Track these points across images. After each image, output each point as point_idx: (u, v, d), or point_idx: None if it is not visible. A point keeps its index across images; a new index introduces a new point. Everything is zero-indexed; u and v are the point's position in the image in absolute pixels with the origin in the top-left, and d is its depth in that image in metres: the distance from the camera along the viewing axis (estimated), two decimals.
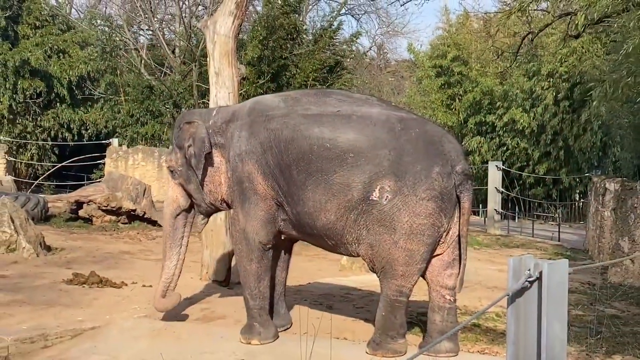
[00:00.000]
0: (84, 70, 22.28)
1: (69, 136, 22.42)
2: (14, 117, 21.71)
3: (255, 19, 21.55)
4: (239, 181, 5.73)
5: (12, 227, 9.65)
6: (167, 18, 26.70)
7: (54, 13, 24.20)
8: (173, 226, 6.28)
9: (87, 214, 13.29)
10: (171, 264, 6.29)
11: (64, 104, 22.57)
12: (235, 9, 8.02)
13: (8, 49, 21.50)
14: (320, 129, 5.43)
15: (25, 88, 21.52)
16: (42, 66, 21.76)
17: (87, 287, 7.73)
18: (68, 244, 10.70)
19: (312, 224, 5.50)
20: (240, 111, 5.96)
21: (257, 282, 5.79)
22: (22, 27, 22.54)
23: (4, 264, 8.94)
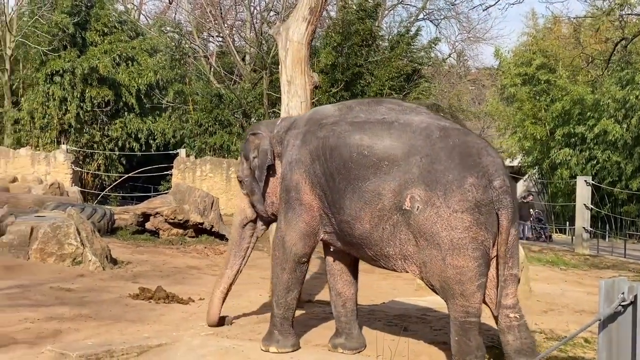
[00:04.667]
0: (152, 79, 22.65)
1: (136, 146, 22.78)
2: (81, 126, 22.21)
3: (329, 24, 21.71)
4: (286, 189, 5.87)
5: (78, 240, 9.88)
6: (237, 24, 27.08)
7: (122, 19, 24.72)
8: (240, 235, 6.52)
9: (154, 226, 13.53)
10: (231, 273, 6.53)
11: (132, 113, 22.96)
12: (309, 14, 8.07)
13: (76, 56, 22.04)
14: (361, 136, 5.51)
15: (93, 96, 21.98)
16: (110, 74, 22.22)
17: (154, 303, 7.86)
18: (134, 258, 10.90)
19: (351, 233, 5.56)
20: (299, 120, 6.13)
21: (286, 292, 5.93)
22: (90, 34, 23.08)
23: (70, 277, 9.15)
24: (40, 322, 6.76)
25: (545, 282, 10.67)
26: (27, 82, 23.12)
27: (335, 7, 24.48)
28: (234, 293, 8.45)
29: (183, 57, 23.33)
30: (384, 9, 27.75)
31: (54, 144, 21.76)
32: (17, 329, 6.48)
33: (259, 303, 7.80)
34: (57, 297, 8.02)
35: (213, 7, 23.79)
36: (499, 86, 28.25)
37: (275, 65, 19.26)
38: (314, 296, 8.50)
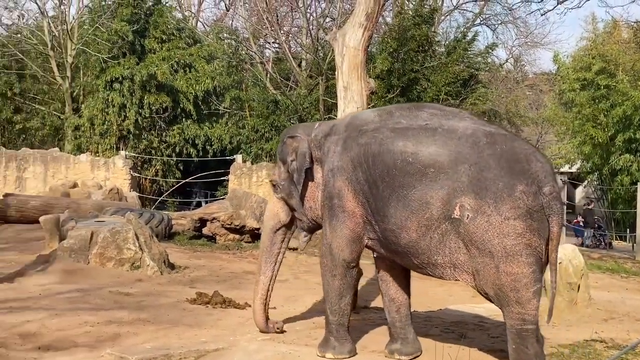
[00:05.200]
0: (209, 85, 22.85)
1: (193, 152, 22.97)
2: (140, 132, 22.48)
3: (385, 30, 21.68)
4: (329, 197, 5.87)
5: (136, 245, 10.01)
6: (293, 31, 27.17)
7: (180, 27, 25.00)
8: (271, 241, 6.53)
9: (211, 231, 13.64)
10: (266, 279, 6.55)
11: (189, 119, 23.18)
12: (365, 20, 8.08)
13: (135, 63, 22.34)
14: (405, 142, 5.48)
15: (152, 103, 22.23)
16: (168, 81, 22.48)
17: (211, 307, 7.94)
18: (192, 263, 11.01)
19: (396, 242, 5.53)
20: (339, 125, 6.10)
21: (339, 298, 5.93)
22: (149, 41, 23.38)
23: (128, 281, 9.29)
24: (100, 326, 6.87)
25: (606, 290, 10.50)
26: (88, 89, 23.51)
27: (391, 13, 24.45)
28: (290, 298, 8.52)
29: (240, 64, 23.49)
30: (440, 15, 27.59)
31: (113, 150, 22.06)
32: (78, 333, 6.60)
33: (315, 308, 7.80)
34: (116, 301, 8.15)
35: (270, 14, 23.92)
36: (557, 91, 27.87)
37: (331, 71, 19.27)
38: (370, 302, 8.49)
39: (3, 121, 23.93)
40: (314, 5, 24.38)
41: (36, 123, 23.98)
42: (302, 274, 10.75)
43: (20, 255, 11.06)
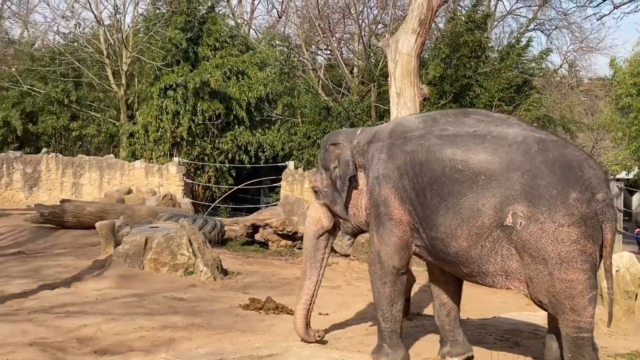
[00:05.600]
0: (262, 92, 22.95)
1: (245, 158, 23.07)
2: (193, 139, 22.69)
3: (438, 36, 21.60)
4: (375, 204, 5.87)
5: (190, 250, 10.11)
6: (345, 37, 27.23)
7: (233, 34, 25.19)
8: (315, 247, 6.49)
9: (263, 237, 13.72)
10: (311, 284, 6.51)
11: (242, 126, 23.31)
12: (418, 26, 8.07)
13: (189, 71, 22.56)
14: (453, 150, 5.44)
15: (205, 110, 22.42)
16: (221, 88, 22.65)
17: (264, 313, 7.99)
18: (244, 268, 11.09)
19: (445, 250, 5.50)
20: (382, 132, 6.06)
21: (390, 305, 5.92)
22: (202, 49, 23.59)
23: (182, 286, 9.40)
24: (155, 331, 6.96)
25: None
26: (142, 97, 23.80)
27: (444, 19, 24.37)
28: (343, 304, 8.53)
29: (292, 71, 23.59)
30: (493, 20, 27.43)
31: (166, 157, 22.30)
32: (133, 337, 6.70)
33: (368, 315, 7.80)
34: (170, 306, 8.25)
35: (322, 21, 24.03)
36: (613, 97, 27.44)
37: (384, 77, 19.26)
38: (423, 309, 8.46)
39: (60, 128, 24.33)
40: (366, 12, 24.42)
41: (92, 130, 24.34)
42: (355, 281, 10.75)
43: (77, 261, 11.26)
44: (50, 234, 14.75)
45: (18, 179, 20.20)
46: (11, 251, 12.68)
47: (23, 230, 15.02)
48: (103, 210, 15.20)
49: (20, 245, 13.53)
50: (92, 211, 15.28)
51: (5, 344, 6.34)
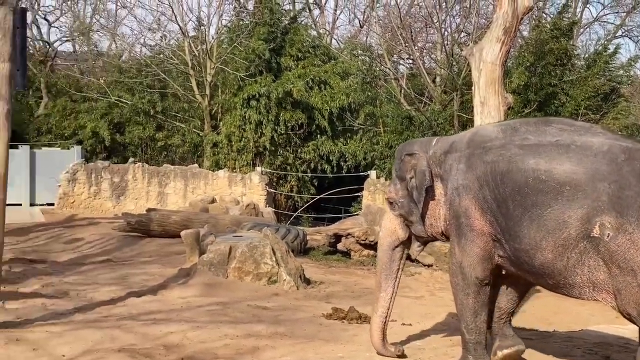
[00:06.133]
0: (344, 102, 23.03)
1: (327, 168, 23.18)
2: (275, 148, 22.90)
3: (522, 44, 21.31)
4: (455, 215, 5.80)
5: (273, 259, 10.20)
6: (428, 46, 27.10)
7: (315, 44, 25.34)
8: (390, 258, 6.43)
9: (346, 247, 13.74)
10: (387, 296, 6.43)
11: (324, 136, 23.43)
12: (503, 35, 8.00)
13: (271, 81, 22.80)
14: (536, 160, 5.33)
15: (287, 120, 22.62)
16: (303, 97, 22.81)
17: (347, 323, 7.99)
18: (327, 278, 11.12)
19: (530, 262, 5.39)
20: (459, 142, 5.98)
21: (474, 316, 5.84)
22: (284, 59, 23.81)
23: (265, 295, 9.48)
24: (239, 339, 7.04)
25: None
26: (225, 107, 24.13)
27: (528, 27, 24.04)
28: (427, 315, 8.48)
29: (374, 80, 23.59)
30: (579, 27, 26.93)
31: (249, 166, 22.55)
32: (218, 345, 6.79)
33: (452, 326, 7.73)
34: (254, 314, 8.34)
35: (404, 30, 23.97)
36: None
37: (466, 86, 19.10)
38: None
39: (146, 138, 24.84)
40: (448, 21, 24.22)
41: (177, 140, 24.78)
42: (438, 291, 10.68)
43: (163, 269, 11.48)
44: (136, 242, 15.08)
45: (106, 188, 20.71)
46: (100, 259, 13.01)
47: (111, 239, 15.42)
48: (187, 219, 15.47)
49: (109, 253, 13.88)
50: (177, 220, 15.56)
51: (95, 349, 6.52)
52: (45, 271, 11.29)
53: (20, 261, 11.99)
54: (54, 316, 7.92)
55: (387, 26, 26.68)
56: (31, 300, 8.79)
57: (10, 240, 11.77)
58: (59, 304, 8.68)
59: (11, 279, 10.15)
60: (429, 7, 24.58)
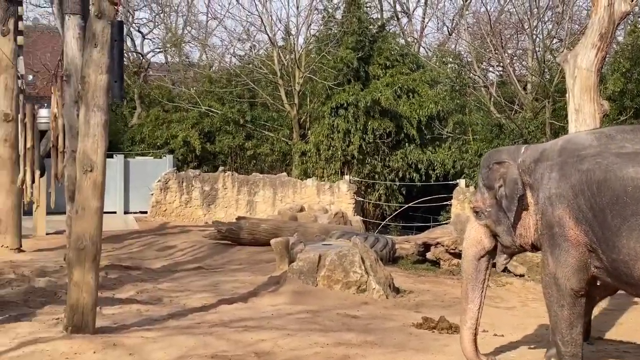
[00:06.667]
0: (433, 110, 22.92)
1: (416, 176, 23.12)
2: (364, 157, 22.95)
3: (617, 50, 20.81)
4: (548, 225, 5.68)
5: (362, 268, 10.20)
6: (518, 53, 26.75)
7: (403, 52, 25.30)
8: (476, 268, 6.32)
9: (435, 256, 13.63)
10: (474, 307, 6.33)
11: (412, 144, 23.38)
12: (598, 41, 7.85)
13: (359, 90, 22.87)
14: (636, 168, 5.21)
15: (375, 128, 22.65)
16: (391, 106, 22.80)
17: (437, 333, 7.94)
18: (416, 287, 11.06)
19: (629, 273, 5.26)
20: (551, 150, 5.87)
21: (569, 328, 5.72)
22: (372, 68, 23.86)
23: (354, 304, 9.49)
24: (330, 347, 7.07)
25: None
26: (314, 116, 24.32)
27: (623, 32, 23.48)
28: (519, 326, 8.36)
29: (463, 88, 23.41)
30: None
31: (337, 175, 22.66)
32: (309, 353, 6.84)
33: (545, 337, 7.59)
34: (343, 323, 8.36)
35: (494, 37, 23.72)
36: None
37: (559, 93, 18.79)
38: (604, 333, 8.16)
39: (236, 147, 25.21)
40: (540, 27, 23.82)
41: (266, 149, 25.08)
42: (530, 302, 10.49)
43: (253, 276, 11.61)
44: (227, 250, 15.31)
45: (197, 197, 21.10)
46: (191, 266, 13.25)
47: (202, 246, 15.69)
48: (277, 228, 15.61)
49: (200, 260, 14.12)
50: (266, 228, 15.72)
51: (188, 355, 6.65)
52: (140, 278, 11.56)
53: (115, 268, 12.33)
54: (148, 322, 8.11)
55: (477, 33, 26.46)
56: (127, 306, 9.02)
57: (105, 247, 12.08)
58: (153, 310, 8.88)
59: (107, 285, 10.45)
60: (520, 14, 24.32)
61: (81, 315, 7.40)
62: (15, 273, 11.32)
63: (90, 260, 7.47)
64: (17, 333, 7.42)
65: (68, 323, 7.44)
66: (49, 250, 14.70)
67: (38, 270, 11.69)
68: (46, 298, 9.53)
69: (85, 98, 7.47)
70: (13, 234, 14.47)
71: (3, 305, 8.93)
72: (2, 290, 9.89)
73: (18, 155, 13.98)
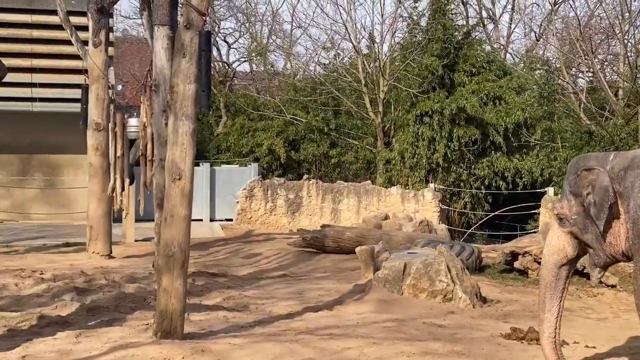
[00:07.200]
0: (520, 117, 22.60)
1: (502, 184, 22.85)
2: (449, 165, 22.81)
3: None
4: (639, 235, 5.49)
5: (448, 277, 10.12)
6: (609, 58, 26.18)
7: (489, 59, 25.04)
8: (556, 276, 6.17)
9: (522, 265, 13.41)
10: (552, 317, 6.19)
11: (498, 152, 23.12)
12: None
13: (444, 97, 22.74)
14: None
15: (461, 136, 22.49)
16: (477, 113, 22.59)
17: (526, 344, 7.81)
18: (503, 297, 10.91)
19: None
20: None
21: None
22: (458, 75, 23.68)
23: (440, 313, 9.41)
24: (416, 357, 7.04)
25: None
26: (398, 124, 24.28)
27: None
28: (612, 338, 8.16)
29: (551, 94, 23.03)
30: None
31: (422, 183, 22.57)
32: None
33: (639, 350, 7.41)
34: (429, 332, 8.30)
35: (583, 42, 23.26)
36: None
37: None
38: None
39: (320, 155, 25.35)
40: (632, 31, 23.28)
41: (350, 157, 25.14)
42: (622, 313, 10.23)
43: (338, 284, 11.63)
44: (311, 257, 15.38)
45: (282, 205, 21.27)
46: (277, 273, 13.35)
47: (287, 254, 15.81)
48: (361, 236, 15.61)
49: (285, 268, 14.22)
50: (350, 236, 15.74)
51: None
52: (226, 285, 11.70)
53: (202, 274, 12.51)
54: (235, 328, 8.20)
55: (565, 38, 26.01)
56: (214, 313, 9.14)
57: (193, 254, 12.26)
58: (240, 316, 8.98)
59: (195, 291, 10.61)
60: (611, 18, 23.78)
61: (170, 321, 7.53)
62: (106, 279, 11.60)
63: (178, 267, 7.59)
64: (108, 338, 7.61)
65: (157, 328, 7.57)
66: (138, 257, 15.02)
67: (128, 277, 11.95)
68: (136, 304, 9.73)
69: (174, 107, 7.61)
70: (104, 240, 14.87)
71: (95, 310, 9.16)
72: (94, 296, 10.14)
73: (108, 163, 14.33)
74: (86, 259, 14.48)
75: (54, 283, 10.93)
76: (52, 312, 8.91)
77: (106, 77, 14.99)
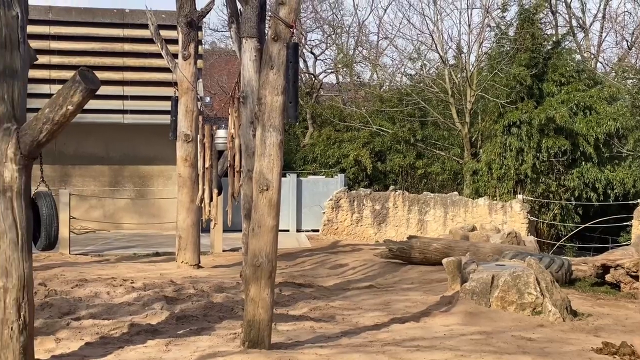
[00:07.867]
0: (611, 127, 22.08)
1: (593, 196, 22.35)
2: (537, 176, 22.41)
3: None
4: None
5: (537, 289, 9.94)
6: None
7: (579, 69, 24.56)
8: None
9: (614, 279, 13.08)
10: None
11: (589, 163, 22.61)
12: None
13: (533, 108, 22.38)
14: None
15: (549, 146, 22.09)
16: (567, 124, 22.15)
17: (619, 359, 7.61)
18: (594, 310, 10.65)
19: None
20: None
21: None
22: (546, 85, 23.30)
23: (529, 326, 9.25)
24: None
25: None
26: (485, 134, 24.02)
27: None
28: None
29: None
30: None
31: (510, 194, 22.25)
32: None
33: None
34: (518, 345, 8.16)
35: None
36: None
37: None
38: None
39: (406, 166, 25.28)
40: None
41: (436, 168, 24.99)
42: None
43: (425, 296, 11.54)
44: (398, 268, 15.30)
45: (367, 215, 21.26)
46: (363, 284, 13.33)
47: (373, 265, 15.77)
48: (448, 247, 15.46)
49: (371, 279, 14.18)
50: (437, 247, 15.60)
51: None
52: (313, 295, 11.75)
53: (289, 285, 12.60)
54: (322, 339, 8.22)
55: None
56: (300, 323, 9.18)
57: (279, 265, 12.36)
58: (326, 327, 9.00)
59: (282, 301, 10.68)
60: None
61: (257, 331, 7.59)
62: (195, 288, 11.77)
63: (266, 277, 7.65)
64: (197, 346, 7.72)
65: (245, 338, 7.64)
66: (226, 267, 15.22)
67: (216, 286, 12.10)
68: (224, 313, 9.85)
69: (262, 119, 7.69)
70: (192, 250, 15.11)
71: (184, 319, 9.31)
72: (184, 305, 10.31)
73: (197, 174, 14.56)
74: (175, 268, 14.74)
75: (144, 292, 11.17)
76: (143, 321, 9.10)
77: (195, 89, 15.25)
